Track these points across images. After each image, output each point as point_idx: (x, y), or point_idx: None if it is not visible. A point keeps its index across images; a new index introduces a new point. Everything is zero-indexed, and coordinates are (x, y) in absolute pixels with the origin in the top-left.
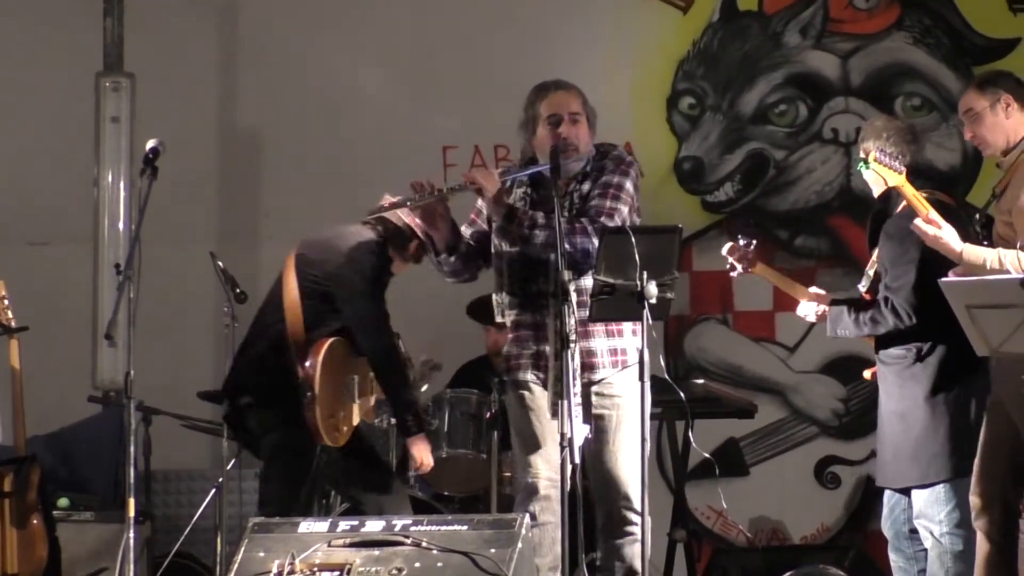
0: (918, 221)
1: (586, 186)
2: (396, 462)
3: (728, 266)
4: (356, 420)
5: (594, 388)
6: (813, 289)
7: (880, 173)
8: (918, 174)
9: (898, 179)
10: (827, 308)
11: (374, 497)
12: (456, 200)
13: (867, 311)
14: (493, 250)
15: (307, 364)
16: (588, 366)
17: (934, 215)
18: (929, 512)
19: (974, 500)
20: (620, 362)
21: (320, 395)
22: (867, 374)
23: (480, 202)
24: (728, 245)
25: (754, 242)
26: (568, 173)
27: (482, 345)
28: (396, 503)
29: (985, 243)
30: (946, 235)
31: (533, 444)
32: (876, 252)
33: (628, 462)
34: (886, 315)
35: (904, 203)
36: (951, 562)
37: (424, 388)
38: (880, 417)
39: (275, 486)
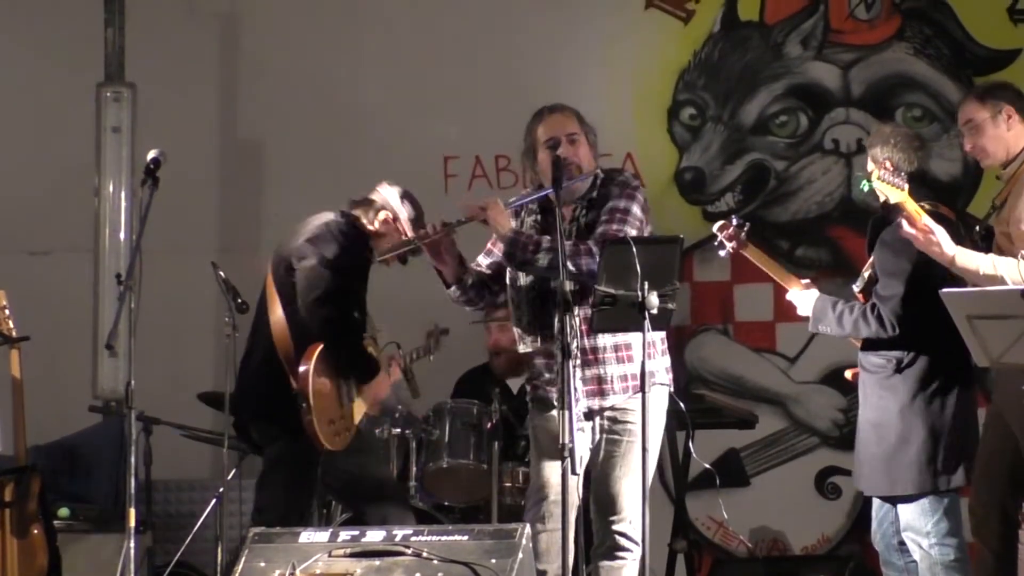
0: (904, 224)
1: (592, 214)
2: (396, 472)
3: (716, 243)
4: (357, 419)
5: (607, 414)
6: (805, 281)
7: (883, 191)
8: (923, 182)
9: (900, 196)
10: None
11: (377, 507)
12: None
13: (852, 312)
14: (508, 281)
15: (300, 372)
16: (599, 392)
17: (927, 220)
18: (916, 524)
19: (973, 511)
20: (632, 387)
21: (316, 403)
22: (848, 374)
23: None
24: (719, 223)
25: (747, 224)
26: (574, 195)
27: (482, 354)
28: (399, 513)
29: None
30: (938, 236)
31: (547, 454)
32: (872, 256)
33: (631, 489)
34: (870, 321)
35: (905, 213)
36: (942, 573)
37: (432, 358)
38: (858, 423)
39: (272, 493)
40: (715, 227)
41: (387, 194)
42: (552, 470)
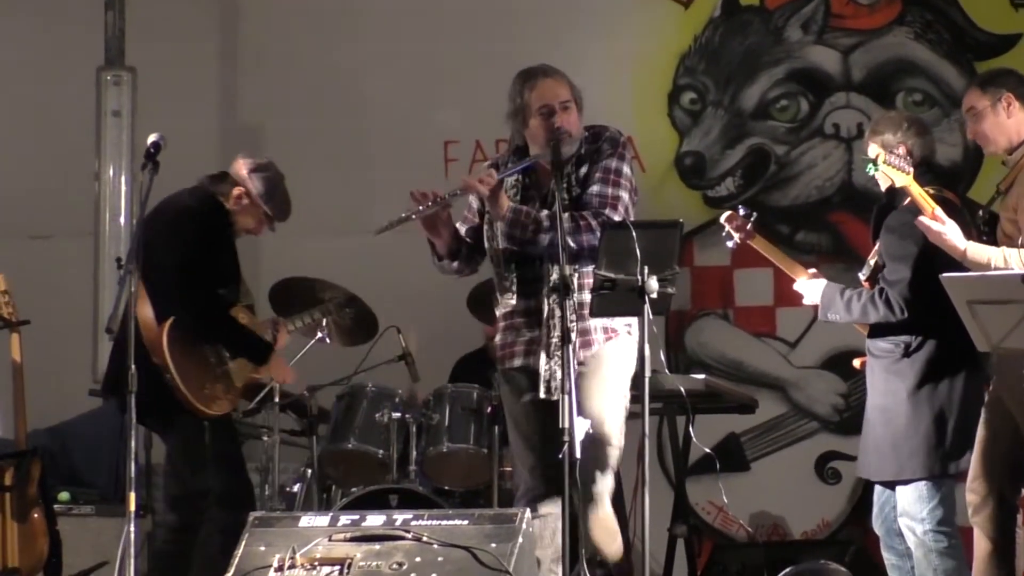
0: (922, 218)
1: (583, 169)
2: (396, 456)
3: (724, 234)
4: (240, 381)
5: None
6: (811, 270)
7: (888, 174)
8: (928, 167)
9: (905, 179)
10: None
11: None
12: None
13: (860, 298)
14: (486, 240)
15: (154, 348)
16: (584, 344)
17: (939, 212)
18: (912, 510)
19: (971, 496)
20: (614, 337)
21: (179, 372)
22: (856, 363)
23: (474, 201)
24: (727, 213)
25: (754, 214)
26: (563, 158)
27: (478, 338)
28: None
29: (985, 238)
30: (950, 232)
31: (528, 435)
32: (878, 243)
33: (607, 403)
34: (879, 305)
35: (909, 198)
36: (938, 560)
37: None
38: (866, 409)
39: (203, 477)
40: (722, 218)
41: (239, 168)
42: (535, 453)
